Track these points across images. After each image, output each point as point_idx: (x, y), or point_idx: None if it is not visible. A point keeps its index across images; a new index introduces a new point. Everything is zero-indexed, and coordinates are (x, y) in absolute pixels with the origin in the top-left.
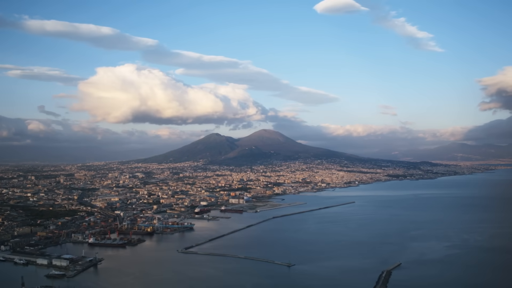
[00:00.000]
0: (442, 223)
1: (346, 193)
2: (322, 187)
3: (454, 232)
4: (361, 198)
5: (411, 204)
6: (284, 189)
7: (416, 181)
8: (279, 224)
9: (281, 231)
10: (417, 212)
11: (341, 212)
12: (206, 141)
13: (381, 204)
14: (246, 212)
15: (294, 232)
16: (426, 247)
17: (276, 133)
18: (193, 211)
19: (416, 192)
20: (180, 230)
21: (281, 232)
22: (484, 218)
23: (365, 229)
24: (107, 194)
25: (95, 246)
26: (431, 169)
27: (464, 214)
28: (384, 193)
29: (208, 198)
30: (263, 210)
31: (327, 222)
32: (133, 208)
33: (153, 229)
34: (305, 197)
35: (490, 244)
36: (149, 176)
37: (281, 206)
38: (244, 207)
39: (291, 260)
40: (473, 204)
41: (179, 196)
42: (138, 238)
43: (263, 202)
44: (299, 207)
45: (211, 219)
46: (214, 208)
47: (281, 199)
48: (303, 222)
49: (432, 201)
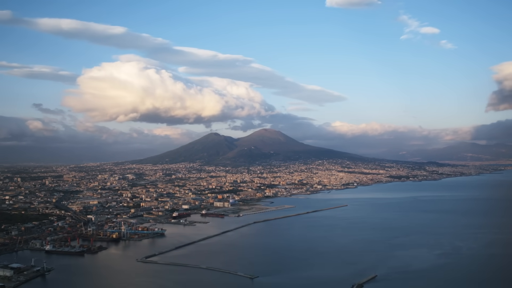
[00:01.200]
0: (436, 228)
1: (342, 195)
2: (318, 189)
3: (447, 238)
4: (356, 201)
5: (407, 207)
6: (276, 191)
7: (419, 182)
8: (258, 230)
9: (258, 237)
10: (411, 216)
11: (330, 216)
12: (204, 141)
13: (376, 207)
14: (228, 216)
15: (272, 238)
16: (412, 256)
17: (277, 133)
18: (171, 215)
19: (416, 194)
20: (150, 236)
21: (257, 238)
22: (482, 223)
23: (351, 234)
24: (89, 196)
25: (53, 254)
26: (437, 170)
27: (461, 218)
28: (382, 195)
29: (193, 201)
30: (247, 214)
31: (312, 227)
32: (109, 212)
33: (119, 235)
34: (297, 199)
35: (484, 252)
36: (140, 177)
37: (267, 209)
38: (228, 211)
39: (258, 271)
40: (472, 207)
41: (163, 199)
42: (99, 245)
43: (249, 206)
44: (286, 211)
45: (188, 224)
46: (195, 212)
47: (270, 202)
48: (285, 227)
49: (430, 204)
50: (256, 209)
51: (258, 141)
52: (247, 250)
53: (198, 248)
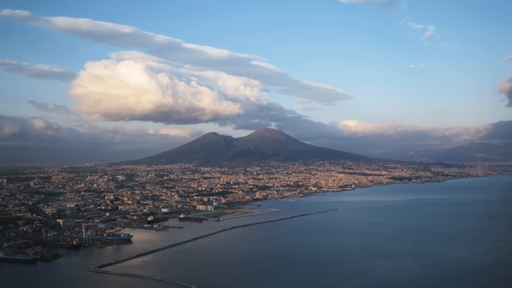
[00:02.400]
0: (426, 235)
1: (336, 198)
2: (312, 192)
3: (436, 246)
4: (349, 204)
5: (400, 211)
6: (267, 193)
7: (421, 184)
8: (233, 236)
9: (229, 244)
10: (403, 220)
11: (317, 221)
12: (202, 141)
13: (367, 211)
14: (207, 220)
15: (244, 245)
16: (393, 266)
17: (278, 132)
18: (146, 219)
19: (414, 197)
20: (115, 243)
21: (228, 245)
22: (478, 228)
23: (332, 241)
24: (70, 199)
25: (4, 262)
26: (443, 171)
27: (457, 223)
28: (378, 198)
29: (175, 204)
30: (228, 218)
31: (293, 232)
32: (83, 215)
33: (80, 241)
34: (287, 203)
35: (474, 262)
36: (130, 178)
37: (251, 213)
38: (209, 215)
39: (214, 283)
40: (471, 210)
41: (145, 202)
42: (54, 253)
43: (234, 209)
44: (271, 215)
45: (161, 229)
46: (173, 216)
47: (257, 205)
48: (264, 233)
49: (427, 208)
50: (240, 212)
51: (258, 141)
52: (212, 258)
53: (160, 256)
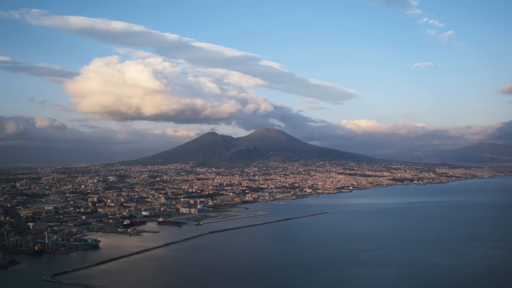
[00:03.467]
0: (415, 241)
1: (330, 200)
2: (306, 194)
3: (424, 253)
4: (342, 207)
5: (395, 215)
6: (258, 195)
7: (423, 186)
8: (208, 241)
9: (201, 251)
10: (395, 225)
11: (303, 225)
12: (201, 140)
13: (360, 214)
14: (186, 224)
15: (216, 251)
16: (373, 277)
17: (279, 132)
18: (122, 223)
19: (412, 199)
20: (80, 248)
21: (199, 252)
22: (474, 233)
23: (314, 247)
24: (52, 201)
25: None
26: (447, 172)
27: (452, 228)
28: (375, 200)
29: (159, 207)
30: (209, 222)
31: (275, 237)
32: (59, 218)
33: (43, 247)
34: (277, 205)
35: (460, 273)
36: (122, 179)
37: (236, 217)
38: (190, 218)
39: None
40: (469, 214)
41: (129, 204)
42: (11, 259)
43: (219, 212)
44: (256, 219)
45: (134, 234)
46: (153, 219)
47: (244, 208)
48: (242, 238)
49: (423, 211)
50: (224, 216)
51: (258, 140)
52: (175, 266)
53: (122, 264)
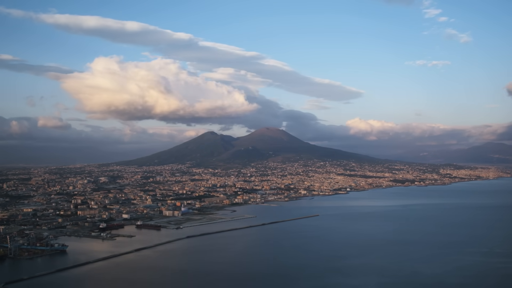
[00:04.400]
0: (404, 246)
1: (324, 202)
2: (301, 196)
3: (410, 260)
4: (334, 210)
5: (388, 218)
6: (249, 197)
7: (424, 187)
8: (184, 246)
9: (170, 257)
10: (386, 228)
11: (288, 229)
12: (199, 140)
13: (351, 217)
14: (166, 228)
15: (187, 256)
16: (348, 287)
17: (279, 132)
18: (98, 226)
19: (410, 202)
20: (46, 253)
21: (168, 258)
22: (468, 238)
23: (293, 253)
24: (35, 202)
25: None
26: (451, 173)
27: (446, 232)
28: (370, 203)
29: (142, 209)
30: (191, 225)
31: (254, 242)
32: (35, 221)
33: (5, 252)
34: (267, 207)
35: (443, 283)
36: (113, 180)
37: (220, 220)
38: (171, 221)
39: None
40: (465, 217)
41: (112, 206)
42: None
43: (203, 215)
44: (241, 222)
45: (108, 238)
46: (133, 222)
47: (231, 211)
48: (220, 243)
49: (417, 214)
50: (207, 219)
51: (258, 140)
52: (137, 274)
53: (85, 271)
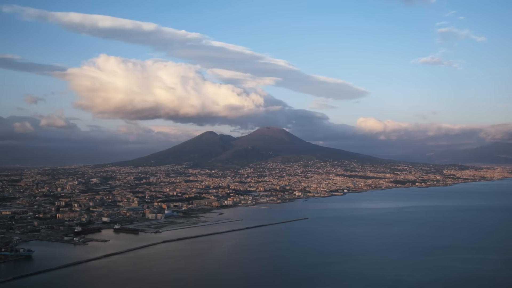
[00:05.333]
0: (390, 250)
1: (317, 205)
2: (295, 197)
3: (395, 267)
4: (326, 212)
5: (380, 221)
6: (240, 199)
7: (425, 188)
8: (157, 251)
9: (138, 264)
10: (375, 233)
11: (273, 233)
12: (198, 140)
13: (342, 221)
14: (144, 232)
15: (154, 263)
16: None
17: (281, 131)
18: (73, 230)
19: (407, 204)
20: (11, 259)
21: (135, 265)
22: (459, 242)
23: (272, 259)
24: (17, 205)
25: None
26: (455, 174)
27: (437, 236)
28: (365, 205)
29: (124, 212)
30: (171, 229)
31: (234, 247)
32: (11, 225)
33: None
34: (257, 210)
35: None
36: (105, 181)
37: (204, 223)
38: (152, 225)
39: None
40: (459, 220)
41: (95, 209)
42: None
43: (188, 218)
44: (225, 225)
45: (80, 243)
46: (111, 226)
47: (219, 214)
48: (197, 248)
49: (412, 217)
50: (191, 222)
51: (258, 140)
52: (98, 282)
53: (44, 278)
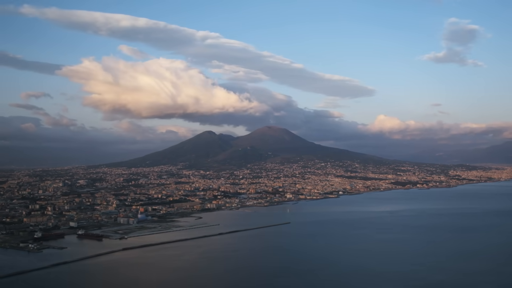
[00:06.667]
0: (365, 261)
1: (307, 208)
2: (285, 200)
3: (360, 280)
4: (312, 216)
5: (367, 226)
6: (225, 202)
7: (426, 190)
8: (112, 260)
9: (81, 275)
10: (358, 239)
11: (246, 239)
12: (196, 140)
13: (325, 226)
14: (109, 238)
15: (100, 276)
16: None
17: (282, 131)
18: (33, 236)
19: (400, 207)
20: None
21: (77, 276)
22: (449, 251)
23: (233, 272)
24: None
25: None
26: (460, 175)
27: (425, 244)
28: (357, 208)
29: (96, 216)
30: (140, 235)
31: (203, 254)
32: None
33: None
34: (240, 214)
35: None
36: (92, 183)
37: (176, 229)
38: (121, 230)
39: None
40: (451, 225)
41: (68, 213)
42: None
43: (162, 223)
44: (198, 231)
45: (34, 250)
46: (75, 232)
47: (196, 218)
48: (159, 255)
49: (400, 222)
50: (163, 227)
51: (258, 140)
52: None
53: None
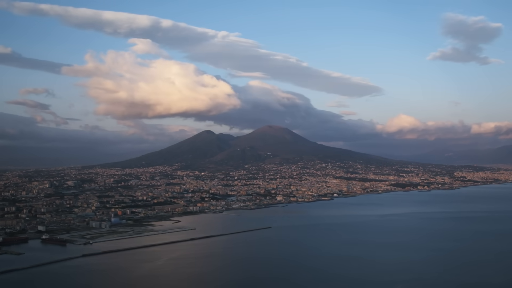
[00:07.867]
0: (341, 268)
1: (296, 211)
2: (275, 202)
3: None
4: (298, 220)
5: (355, 231)
6: (210, 205)
7: (426, 192)
8: (64, 268)
9: (24, 284)
10: (341, 245)
11: (220, 244)
12: (194, 140)
13: (309, 230)
14: (73, 244)
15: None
16: None
17: (283, 130)
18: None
19: (394, 211)
20: None
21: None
22: (436, 256)
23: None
24: None
25: None
26: (465, 176)
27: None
28: (347, 211)
29: (69, 219)
30: (107, 240)
31: (167, 261)
32: None
33: None
34: (222, 217)
35: None
36: (80, 184)
37: (149, 233)
38: (88, 235)
39: None
40: (443, 230)
41: (43, 216)
42: None
43: (136, 227)
44: (172, 235)
45: None
46: (43, 236)
47: (174, 222)
48: (117, 262)
49: (392, 226)
50: (134, 232)
51: (258, 140)
52: None
53: None
